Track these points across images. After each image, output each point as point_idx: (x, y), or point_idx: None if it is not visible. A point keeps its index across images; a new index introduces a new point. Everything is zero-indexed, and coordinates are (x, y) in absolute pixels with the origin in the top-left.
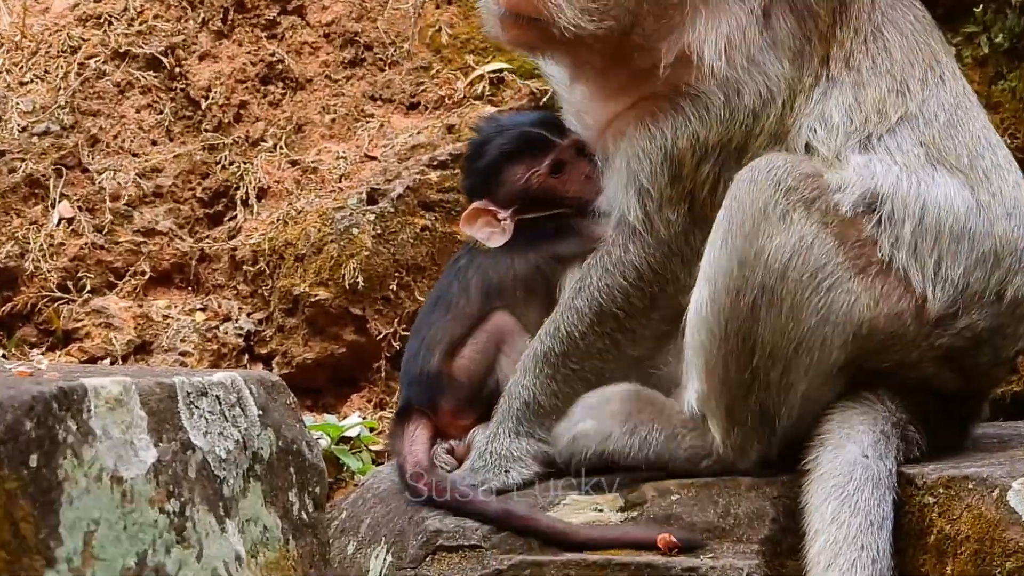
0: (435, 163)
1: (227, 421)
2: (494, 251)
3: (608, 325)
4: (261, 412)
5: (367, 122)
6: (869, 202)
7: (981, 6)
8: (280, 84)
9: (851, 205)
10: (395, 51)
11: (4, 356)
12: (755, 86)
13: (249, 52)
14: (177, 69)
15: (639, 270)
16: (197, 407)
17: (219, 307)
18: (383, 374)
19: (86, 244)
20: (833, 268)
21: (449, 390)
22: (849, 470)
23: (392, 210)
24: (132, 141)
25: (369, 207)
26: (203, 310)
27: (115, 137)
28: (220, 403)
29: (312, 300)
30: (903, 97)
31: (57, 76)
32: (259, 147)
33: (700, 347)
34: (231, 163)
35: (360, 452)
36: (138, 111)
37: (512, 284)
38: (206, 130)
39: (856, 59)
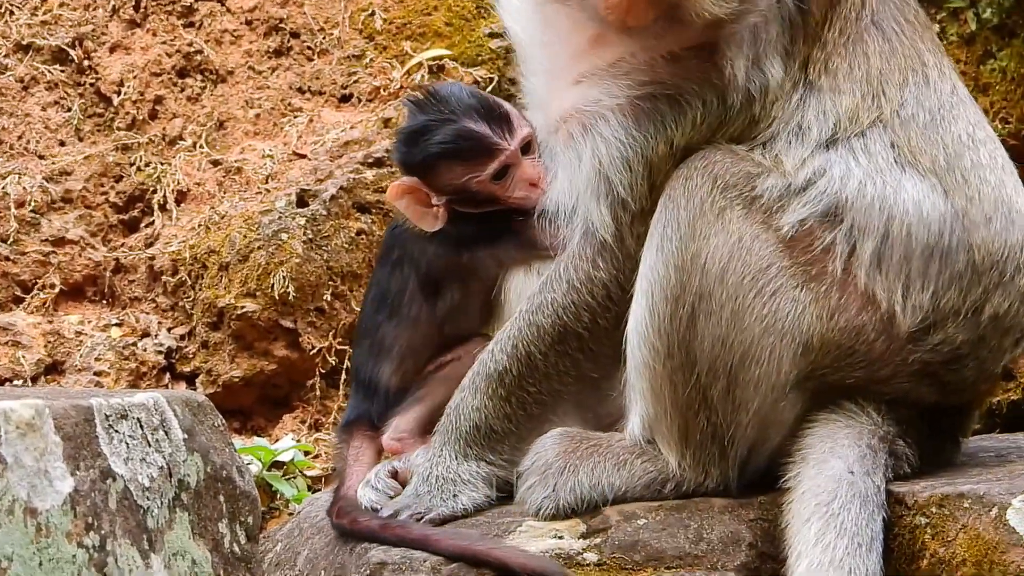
0: (371, 160)
1: (150, 446)
2: (426, 239)
3: (571, 345)
4: (187, 436)
5: (295, 117)
6: (824, 208)
7: None
8: (199, 77)
9: (801, 209)
10: (324, 39)
11: None
12: (748, 88)
13: (164, 42)
14: (86, 62)
15: (608, 288)
16: (117, 431)
17: (137, 322)
18: (318, 392)
19: None
20: (777, 272)
21: (399, 405)
22: (834, 487)
23: (324, 213)
24: (38, 142)
25: (299, 210)
26: (119, 325)
27: (19, 138)
28: (142, 426)
29: (238, 313)
30: (878, 101)
31: None
32: (177, 146)
33: (643, 366)
34: (147, 164)
35: (295, 478)
36: (44, 109)
37: (447, 280)
38: (119, 128)
39: (834, 63)
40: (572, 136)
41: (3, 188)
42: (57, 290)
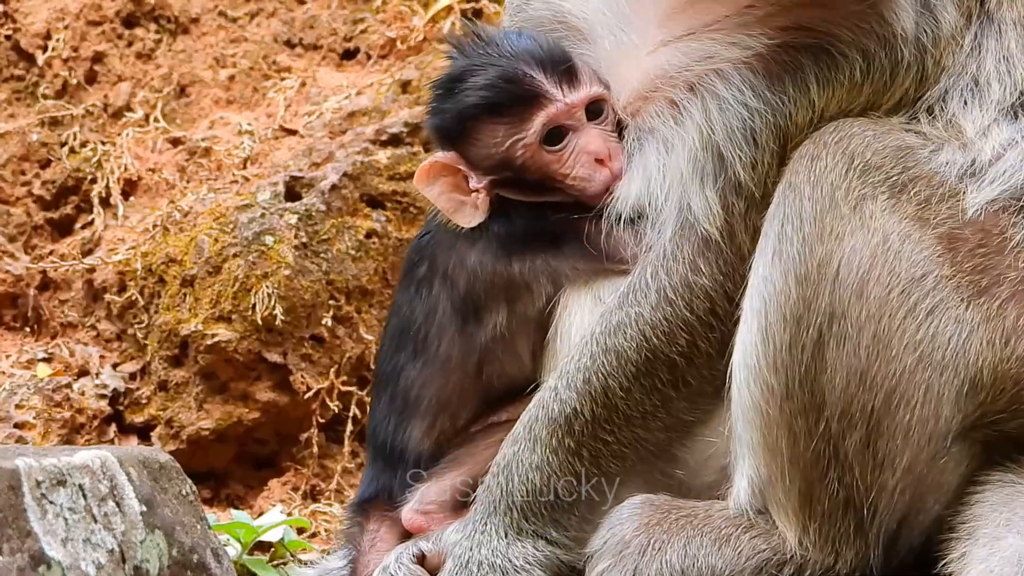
0: (384, 137)
1: (96, 522)
2: (463, 245)
3: (661, 377)
4: (145, 508)
5: (281, 79)
6: (1014, 194)
7: None
8: (152, 27)
9: (982, 197)
10: None
11: None
12: (918, 37)
13: None
14: (0, 8)
15: (712, 300)
16: (52, 503)
17: (71, 356)
18: (315, 449)
19: None
20: (935, 284)
21: (431, 475)
22: (1012, 572)
23: (323, 208)
24: None
25: (288, 204)
26: (48, 360)
27: None
28: (85, 496)
29: (208, 343)
30: None
31: None
32: (123, 119)
33: (753, 409)
34: (83, 144)
35: (285, 564)
36: None
37: (489, 301)
38: (45, 96)
39: None
40: (672, 103)
41: None
42: None
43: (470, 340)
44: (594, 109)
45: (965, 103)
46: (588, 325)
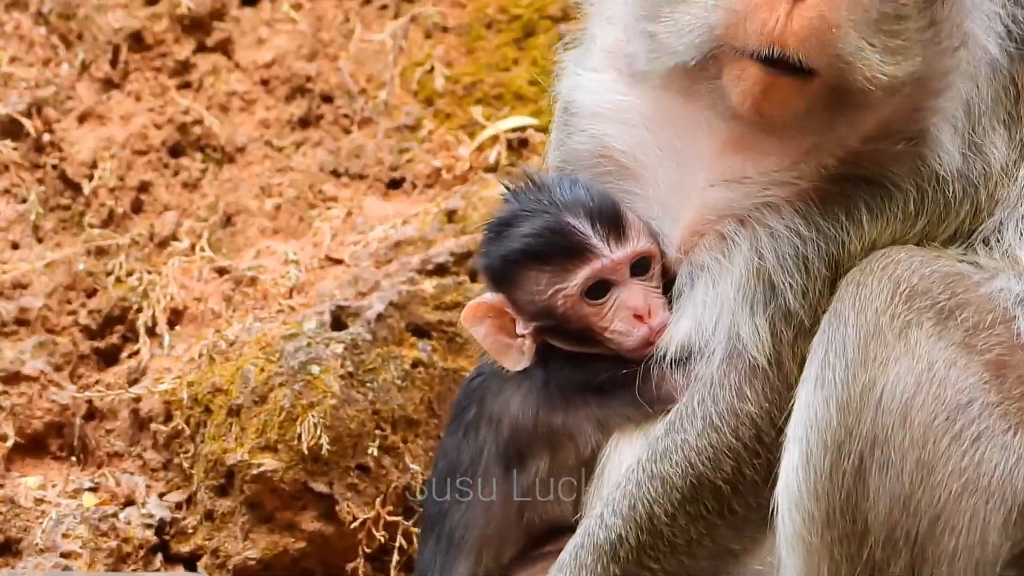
0: (431, 267)
1: None
2: (509, 389)
3: (706, 504)
4: None
5: (328, 209)
6: None
7: None
8: (198, 156)
9: None
10: (367, 103)
11: None
12: (967, 175)
13: (151, 109)
14: (46, 136)
15: (758, 427)
16: None
17: (117, 485)
18: None
19: None
20: (981, 411)
21: None
22: None
23: (369, 338)
24: None
25: (334, 334)
26: (94, 490)
27: None
28: None
29: (254, 472)
30: None
31: None
32: (169, 248)
33: (795, 537)
34: (129, 274)
35: None
36: None
37: (532, 448)
38: (91, 225)
39: None
40: (723, 237)
41: None
42: (10, 443)
43: (512, 485)
44: (639, 264)
45: (1021, 234)
46: (629, 457)
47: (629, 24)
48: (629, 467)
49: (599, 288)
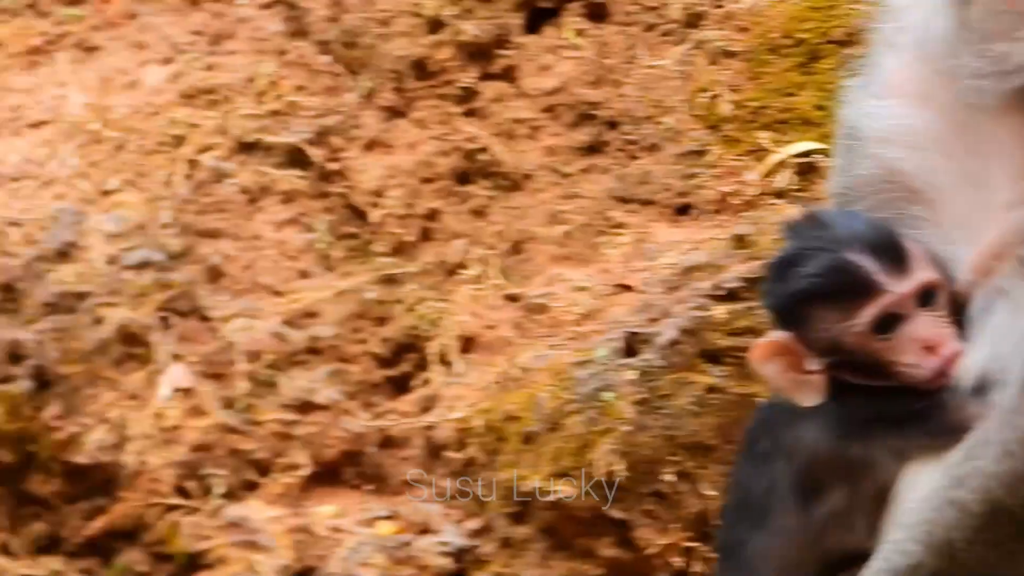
0: (721, 292)
1: None
2: (802, 422)
3: (1004, 530)
4: None
5: (616, 235)
6: None
7: None
8: (486, 183)
9: None
10: (654, 130)
11: None
12: None
13: (438, 137)
14: (333, 165)
15: None
16: None
17: (413, 513)
18: None
19: (213, 426)
20: None
21: None
22: None
23: (661, 364)
24: (272, 273)
25: (627, 360)
26: (389, 518)
27: (246, 268)
28: None
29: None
30: None
31: (157, 181)
32: (458, 276)
33: None
34: (419, 301)
35: None
36: (278, 228)
37: (829, 479)
38: (380, 254)
39: None
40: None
41: (227, 336)
42: (305, 472)
43: (808, 516)
44: (925, 295)
45: None
46: (925, 482)
47: (952, 45)
48: (926, 494)
49: (887, 323)
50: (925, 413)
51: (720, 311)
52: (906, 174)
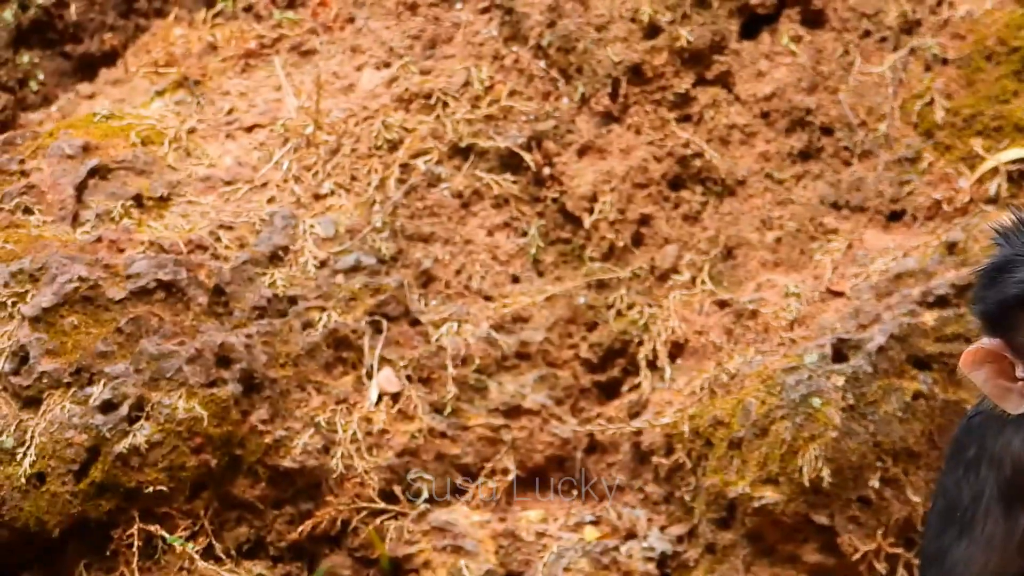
0: (931, 299)
1: None
2: (1010, 429)
3: None
4: None
5: (828, 241)
6: None
7: None
8: (699, 188)
9: None
10: (867, 136)
11: None
12: None
13: (652, 142)
14: (547, 170)
15: None
16: None
17: (619, 518)
18: None
19: (420, 431)
20: None
21: None
22: None
23: (870, 370)
24: (483, 277)
25: (836, 366)
26: (595, 523)
27: (458, 272)
28: None
29: (756, 505)
30: None
31: (370, 185)
32: (671, 282)
33: None
34: (630, 306)
35: None
36: (490, 233)
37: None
38: (591, 259)
39: None
40: None
41: (437, 340)
42: (511, 476)
43: (1014, 523)
44: None
45: None
46: None
47: None
48: None
49: None
50: None
51: (930, 317)
52: None
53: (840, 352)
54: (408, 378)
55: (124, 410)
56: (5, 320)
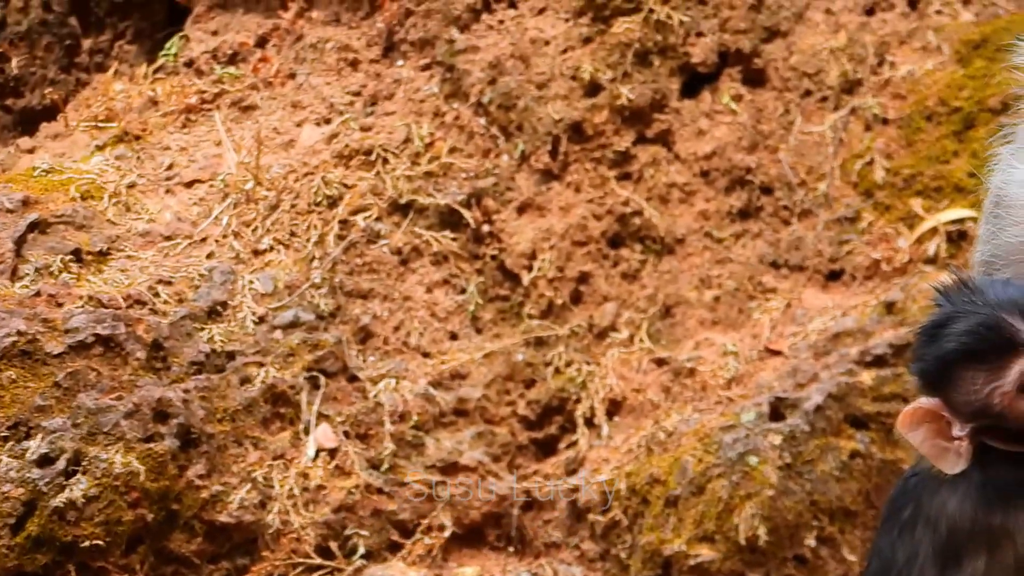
0: (869, 359)
1: None
2: (945, 490)
3: None
4: None
5: (767, 300)
6: None
7: None
8: (638, 246)
9: None
10: (806, 195)
11: None
12: None
13: (592, 200)
14: (485, 227)
15: None
16: None
17: (555, 575)
18: None
19: (357, 487)
20: None
21: None
22: None
23: (807, 429)
24: (421, 334)
25: (773, 425)
26: None
27: (396, 329)
28: None
29: (692, 563)
30: None
31: (309, 241)
32: (608, 339)
33: None
34: (568, 364)
35: None
36: (429, 290)
37: (969, 548)
38: (530, 316)
39: None
40: None
41: (375, 397)
42: (448, 533)
43: None
44: None
45: None
46: None
47: None
48: None
49: None
50: None
51: (867, 377)
52: None
53: (777, 411)
54: (345, 434)
55: (61, 464)
56: None
